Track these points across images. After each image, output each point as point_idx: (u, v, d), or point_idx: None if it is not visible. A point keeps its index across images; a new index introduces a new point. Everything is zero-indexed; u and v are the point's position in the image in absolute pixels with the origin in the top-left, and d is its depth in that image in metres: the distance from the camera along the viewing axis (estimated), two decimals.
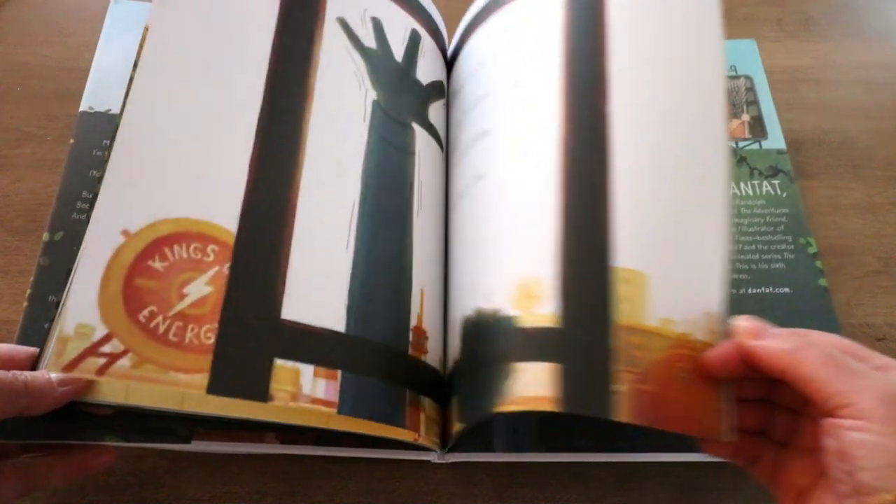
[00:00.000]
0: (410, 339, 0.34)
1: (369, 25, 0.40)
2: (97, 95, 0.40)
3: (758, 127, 0.48)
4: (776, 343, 0.26)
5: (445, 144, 0.43)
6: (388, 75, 0.39)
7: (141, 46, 0.34)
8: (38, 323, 0.34)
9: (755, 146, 0.47)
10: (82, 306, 0.28)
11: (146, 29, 0.34)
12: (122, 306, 0.28)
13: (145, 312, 0.28)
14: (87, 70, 0.42)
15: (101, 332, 0.28)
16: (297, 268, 0.31)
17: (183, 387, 0.27)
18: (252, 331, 0.29)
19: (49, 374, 0.28)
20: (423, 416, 0.33)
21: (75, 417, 0.30)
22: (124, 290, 0.28)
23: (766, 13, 0.58)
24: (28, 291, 0.34)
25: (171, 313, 0.28)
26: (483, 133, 0.38)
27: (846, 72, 0.55)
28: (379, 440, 0.32)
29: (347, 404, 0.30)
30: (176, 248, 0.30)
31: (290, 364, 0.29)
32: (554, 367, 0.28)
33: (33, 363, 0.30)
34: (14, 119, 0.49)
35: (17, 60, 0.52)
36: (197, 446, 0.32)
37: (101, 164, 0.31)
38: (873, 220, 0.47)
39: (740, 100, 0.49)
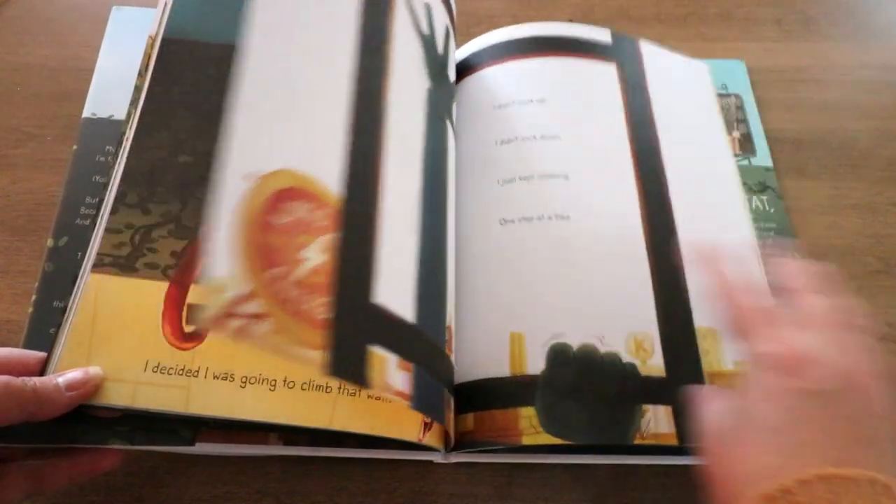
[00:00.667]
0: (446, 337, 0.34)
1: (423, 9, 0.40)
2: (100, 101, 0.41)
3: (747, 144, 0.49)
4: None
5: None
6: (436, 66, 0.40)
7: (146, 55, 0.34)
8: (44, 329, 0.34)
9: (745, 162, 0.48)
10: (221, 259, 0.25)
11: (150, 38, 0.34)
12: (258, 264, 0.25)
13: (275, 273, 0.25)
14: (87, 70, 0.42)
15: (241, 289, 0.25)
16: (384, 250, 0.30)
17: (304, 363, 0.25)
18: (356, 311, 0.28)
19: (57, 379, 0.28)
20: (451, 416, 0.34)
21: (81, 420, 0.30)
22: (257, 246, 0.26)
23: (766, 13, 0.58)
24: (33, 297, 0.34)
25: (292, 279, 0.26)
26: (557, 175, 0.42)
27: (846, 72, 0.55)
28: (380, 440, 0.32)
29: (417, 398, 0.29)
30: (295, 204, 0.27)
31: (380, 351, 0.28)
32: (668, 409, 0.34)
33: (42, 368, 0.30)
34: (14, 119, 0.49)
35: (17, 60, 0.52)
36: (201, 448, 0.32)
37: (106, 168, 0.32)
38: (873, 220, 0.47)
39: (731, 117, 0.50)
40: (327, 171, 0.29)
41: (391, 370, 0.28)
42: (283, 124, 0.30)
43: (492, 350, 0.37)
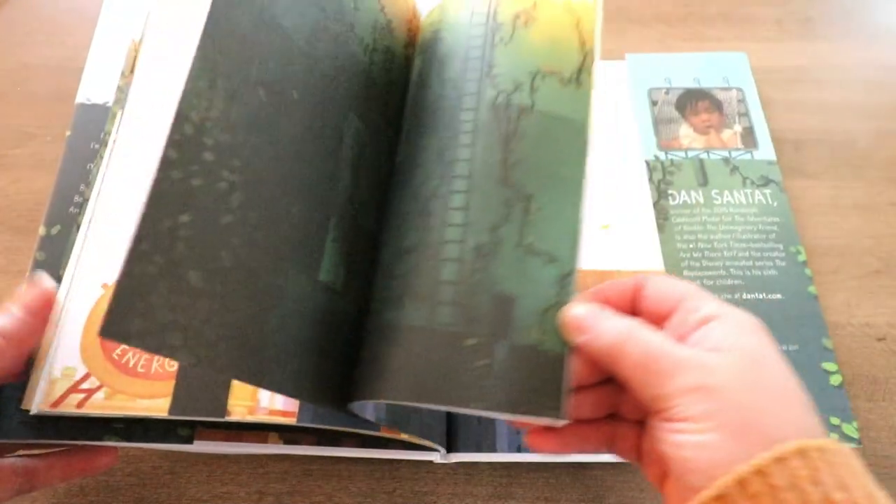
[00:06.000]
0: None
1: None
2: (94, 87, 0.40)
3: (749, 138, 0.49)
4: (597, 341, 0.25)
5: None
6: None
7: (131, 57, 0.34)
8: None
9: (747, 156, 0.48)
10: (67, 351, 0.31)
11: (134, 42, 0.34)
12: (100, 348, 0.31)
13: (118, 351, 0.31)
14: None
15: (81, 372, 0.31)
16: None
17: (147, 411, 0.30)
18: None
19: (12, 309, 0.28)
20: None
21: (75, 418, 0.30)
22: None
23: (766, 13, 0.58)
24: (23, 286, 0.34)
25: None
26: None
27: (846, 72, 0.55)
28: (380, 440, 0.32)
29: (308, 414, 0.31)
30: None
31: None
32: None
33: (28, 365, 0.30)
34: (14, 119, 0.49)
35: (17, 60, 0.52)
36: (199, 447, 0.32)
37: (98, 158, 0.32)
38: (873, 220, 0.47)
39: (732, 111, 0.50)
40: None
41: (265, 394, 0.31)
42: None
43: None
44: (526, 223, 0.28)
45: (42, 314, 0.29)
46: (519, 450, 0.36)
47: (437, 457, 0.35)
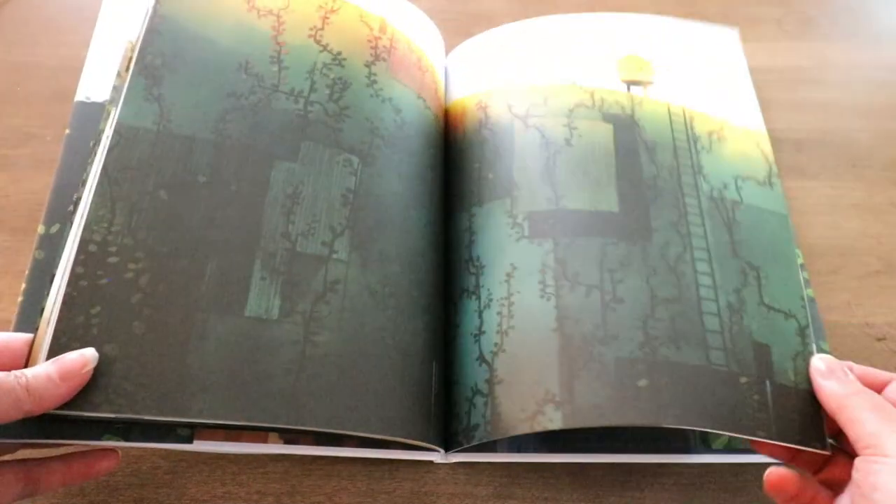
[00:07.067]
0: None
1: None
2: (94, 85, 0.40)
3: None
4: (835, 386, 0.31)
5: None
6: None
7: (126, 58, 0.34)
8: (33, 317, 0.33)
9: None
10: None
11: (130, 43, 0.34)
12: None
13: None
14: None
15: None
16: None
17: None
18: None
19: (50, 369, 0.27)
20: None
21: (74, 417, 0.29)
22: None
23: (766, 13, 0.58)
24: (23, 286, 0.34)
25: None
26: None
27: (846, 72, 0.55)
28: (380, 440, 0.32)
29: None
30: None
31: None
32: None
33: (28, 351, 0.29)
34: (14, 119, 0.49)
35: (17, 60, 0.52)
36: (199, 446, 0.32)
37: (92, 155, 0.32)
38: (873, 220, 0.47)
39: None
40: None
41: None
42: None
43: None
44: (760, 287, 0.36)
45: (72, 385, 0.27)
46: (519, 450, 0.36)
47: (437, 457, 0.35)
